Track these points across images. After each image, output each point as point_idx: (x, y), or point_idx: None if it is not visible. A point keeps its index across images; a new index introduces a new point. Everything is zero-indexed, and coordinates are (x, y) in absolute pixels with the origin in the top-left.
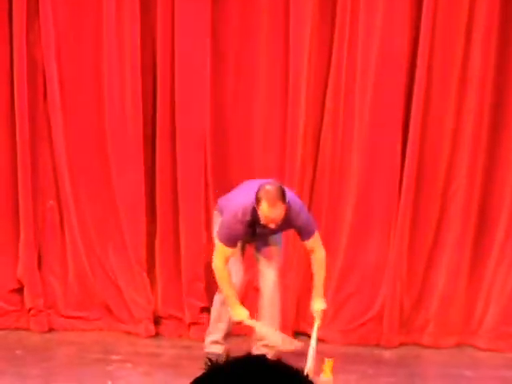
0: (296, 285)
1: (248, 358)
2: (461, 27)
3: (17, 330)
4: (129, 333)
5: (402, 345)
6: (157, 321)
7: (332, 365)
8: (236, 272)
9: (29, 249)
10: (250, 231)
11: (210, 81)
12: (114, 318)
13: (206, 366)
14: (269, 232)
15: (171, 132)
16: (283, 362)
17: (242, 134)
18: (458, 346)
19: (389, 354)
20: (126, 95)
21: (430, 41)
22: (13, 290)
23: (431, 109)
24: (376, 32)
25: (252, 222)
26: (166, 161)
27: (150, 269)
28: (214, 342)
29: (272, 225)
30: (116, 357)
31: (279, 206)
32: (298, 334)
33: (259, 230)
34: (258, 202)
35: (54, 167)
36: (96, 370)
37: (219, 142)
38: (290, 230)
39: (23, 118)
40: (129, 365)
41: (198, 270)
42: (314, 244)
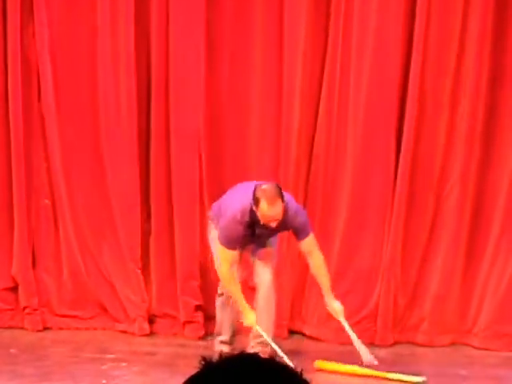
0: (291, 284)
1: (241, 356)
2: (455, 30)
3: (11, 328)
4: (123, 331)
5: (397, 343)
6: (151, 319)
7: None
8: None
9: (23, 247)
10: (249, 232)
11: (204, 80)
12: (108, 316)
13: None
14: (267, 233)
15: (166, 131)
16: (277, 360)
17: (237, 134)
18: (453, 344)
19: (383, 352)
20: (120, 94)
21: (424, 42)
22: (7, 289)
23: (425, 109)
24: (370, 32)
25: (251, 223)
26: (160, 159)
27: (145, 267)
28: (223, 342)
29: (273, 223)
30: (111, 355)
31: (278, 204)
32: (293, 332)
33: (258, 231)
34: (256, 202)
35: (49, 166)
36: (91, 368)
37: (214, 141)
38: (286, 231)
39: (17, 117)
40: (123, 363)
41: (192, 269)
42: (310, 246)
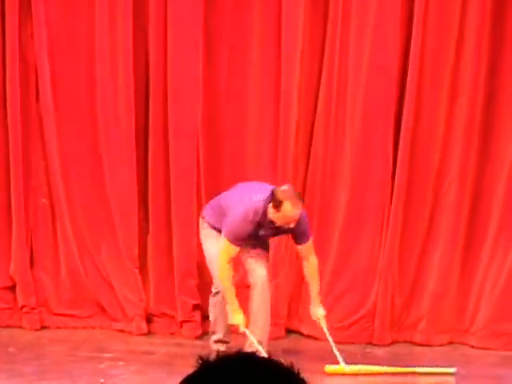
0: (288, 284)
1: (239, 355)
2: (453, 25)
3: (9, 327)
4: (121, 330)
5: (394, 343)
6: (149, 318)
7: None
8: None
9: (21, 247)
10: (253, 233)
11: (202, 79)
12: (106, 315)
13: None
14: (268, 235)
15: (164, 130)
16: (274, 359)
17: (235, 132)
18: (450, 343)
19: (381, 351)
20: (118, 94)
21: (422, 40)
22: (5, 288)
23: (423, 107)
24: (368, 32)
25: (259, 224)
26: (158, 159)
27: (143, 266)
28: (218, 341)
29: (292, 224)
30: (108, 354)
31: (300, 206)
32: (290, 332)
33: (262, 232)
34: (279, 204)
35: (47, 165)
36: (88, 367)
37: (212, 140)
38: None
39: (15, 116)
40: (121, 363)
41: (190, 268)
42: (308, 251)
